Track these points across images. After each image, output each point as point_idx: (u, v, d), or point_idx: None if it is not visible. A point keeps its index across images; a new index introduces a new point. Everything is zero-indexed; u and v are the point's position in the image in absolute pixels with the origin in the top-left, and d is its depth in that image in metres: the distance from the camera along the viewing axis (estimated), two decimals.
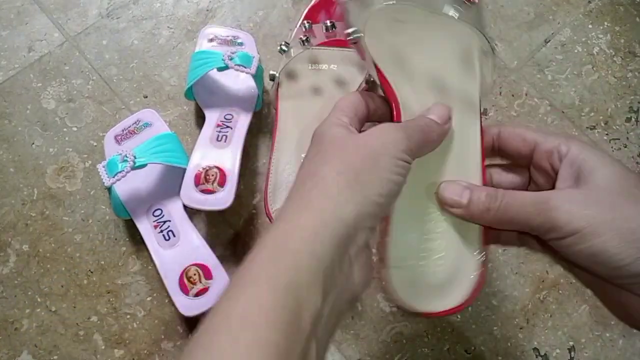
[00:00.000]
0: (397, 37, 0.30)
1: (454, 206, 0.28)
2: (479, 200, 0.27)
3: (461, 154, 0.30)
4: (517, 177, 0.32)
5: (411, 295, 0.28)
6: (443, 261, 0.28)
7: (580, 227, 0.24)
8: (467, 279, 0.28)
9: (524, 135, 0.30)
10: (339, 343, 0.46)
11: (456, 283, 0.28)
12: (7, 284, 0.47)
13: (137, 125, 0.49)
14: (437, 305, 0.28)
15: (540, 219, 0.25)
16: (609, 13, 0.60)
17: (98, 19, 0.56)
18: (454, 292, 0.28)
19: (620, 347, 0.48)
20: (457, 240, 0.29)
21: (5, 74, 0.53)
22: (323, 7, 0.54)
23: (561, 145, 0.28)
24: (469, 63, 0.30)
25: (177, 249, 0.45)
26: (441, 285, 0.28)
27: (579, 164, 0.27)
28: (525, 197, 0.26)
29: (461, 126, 0.30)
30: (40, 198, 0.49)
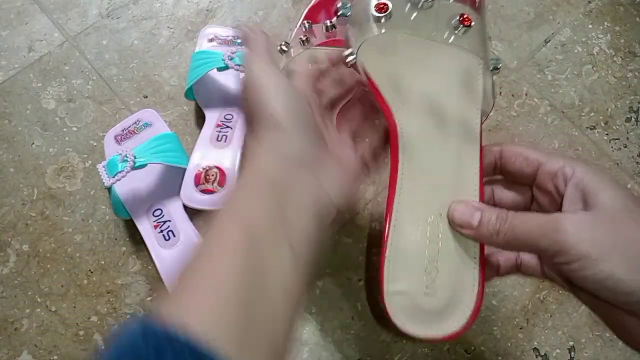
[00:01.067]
0: (393, 61, 0.30)
1: (464, 227, 0.28)
2: (489, 222, 0.27)
3: (459, 176, 0.30)
4: (519, 195, 0.32)
5: (410, 321, 0.28)
6: (440, 288, 0.28)
7: (587, 252, 0.24)
8: (465, 304, 0.28)
9: (527, 155, 0.30)
10: (339, 343, 0.46)
11: (455, 309, 0.28)
12: (7, 284, 0.47)
13: (137, 125, 0.49)
14: (436, 330, 0.28)
15: (548, 242, 0.25)
16: (609, 13, 0.60)
17: (98, 19, 0.56)
18: (453, 317, 0.28)
19: (620, 347, 0.48)
20: (455, 266, 0.29)
21: (5, 73, 0.53)
22: (323, 7, 0.54)
23: (565, 167, 0.28)
24: (469, 83, 0.30)
25: (177, 248, 0.45)
26: (440, 311, 0.28)
27: (584, 186, 0.27)
28: (533, 219, 0.26)
29: (459, 149, 0.30)
30: (40, 198, 0.49)
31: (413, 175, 0.29)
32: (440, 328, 0.28)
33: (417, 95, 0.30)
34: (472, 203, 0.29)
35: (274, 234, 0.23)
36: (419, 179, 0.29)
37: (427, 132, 0.30)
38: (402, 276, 0.28)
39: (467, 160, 0.30)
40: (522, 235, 0.26)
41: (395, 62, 0.30)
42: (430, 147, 0.30)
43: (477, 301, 0.28)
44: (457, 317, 0.28)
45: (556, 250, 0.25)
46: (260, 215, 0.23)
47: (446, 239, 0.29)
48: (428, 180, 0.29)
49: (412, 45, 0.30)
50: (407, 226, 0.29)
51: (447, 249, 0.29)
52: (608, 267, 0.24)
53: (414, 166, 0.29)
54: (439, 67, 0.31)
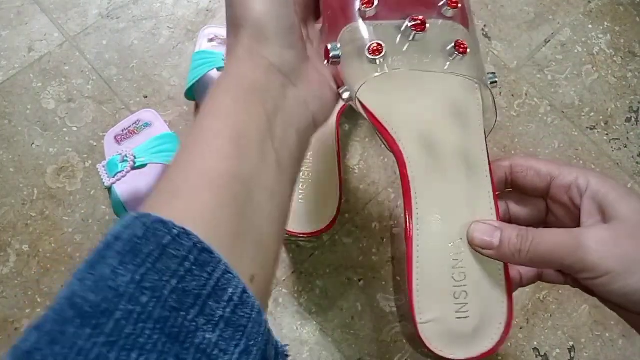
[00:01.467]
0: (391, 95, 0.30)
1: (484, 247, 0.28)
2: (510, 241, 0.27)
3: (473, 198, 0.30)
4: (534, 208, 0.32)
5: (446, 346, 0.29)
6: (471, 310, 0.29)
7: (613, 268, 0.24)
8: (497, 319, 0.29)
9: (538, 169, 0.30)
10: (339, 343, 0.46)
11: (488, 326, 0.29)
12: (7, 284, 0.47)
13: (137, 125, 0.49)
14: (474, 350, 0.29)
15: (572, 260, 0.25)
16: (609, 13, 0.60)
17: (98, 19, 0.56)
18: (486, 336, 0.29)
19: (620, 347, 0.48)
20: (482, 285, 0.29)
21: (5, 74, 0.53)
22: None
23: (579, 179, 0.28)
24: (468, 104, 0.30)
25: None
26: (471, 333, 0.29)
27: (601, 199, 0.27)
28: (555, 236, 0.27)
29: (468, 171, 0.30)
30: (40, 198, 0.49)
31: (427, 203, 0.29)
32: (477, 347, 0.29)
33: (418, 128, 0.30)
34: (491, 223, 0.29)
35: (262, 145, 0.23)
36: (434, 206, 0.29)
37: (433, 162, 0.30)
38: (432, 305, 0.29)
39: (478, 181, 0.30)
40: (546, 254, 0.26)
41: (393, 96, 0.30)
42: (439, 176, 0.30)
43: (508, 316, 0.29)
44: (491, 334, 0.29)
45: (581, 268, 0.25)
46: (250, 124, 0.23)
47: (470, 262, 0.29)
48: (443, 206, 0.29)
49: (409, 77, 0.30)
50: (430, 254, 0.29)
51: (472, 271, 0.29)
52: (634, 281, 0.24)
53: (427, 195, 0.29)
54: (437, 96, 0.31)
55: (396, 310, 0.48)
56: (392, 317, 0.47)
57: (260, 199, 0.22)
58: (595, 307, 0.49)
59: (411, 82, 0.31)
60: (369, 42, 0.28)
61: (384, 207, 0.51)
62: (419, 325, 0.29)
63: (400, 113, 0.30)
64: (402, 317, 0.48)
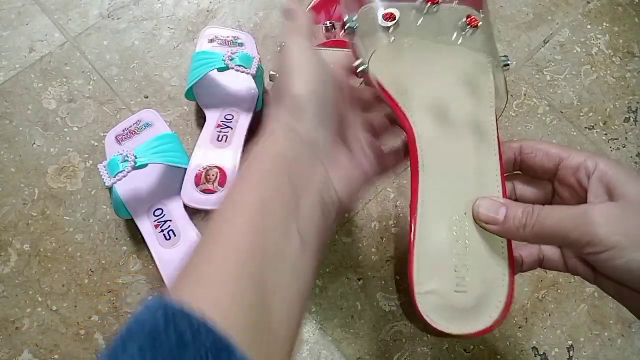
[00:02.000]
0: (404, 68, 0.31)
1: (489, 223, 0.28)
2: (515, 217, 0.28)
3: (480, 175, 0.30)
4: (541, 190, 0.32)
5: (443, 319, 0.28)
6: (471, 285, 0.29)
7: (618, 242, 0.24)
8: (497, 298, 0.29)
9: (547, 150, 0.30)
10: (339, 342, 0.47)
11: (487, 304, 0.29)
12: (8, 284, 0.47)
13: (138, 125, 0.50)
14: (470, 327, 0.28)
15: (578, 234, 0.25)
16: (608, 14, 0.60)
17: (99, 20, 0.56)
18: (484, 314, 0.29)
19: (619, 346, 0.48)
20: (484, 262, 0.29)
21: (6, 74, 0.54)
22: (323, 8, 0.54)
23: (587, 161, 0.28)
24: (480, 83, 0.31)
25: (178, 248, 0.45)
26: (471, 308, 0.29)
27: (609, 180, 0.27)
28: (561, 212, 0.27)
29: (477, 148, 0.30)
30: (41, 198, 0.50)
31: (435, 177, 0.29)
32: (474, 324, 0.28)
33: (431, 100, 0.31)
34: (497, 199, 0.29)
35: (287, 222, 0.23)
36: (441, 180, 0.29)
37: (444, 135, 0.30)
38: (431, 276, 0.29)
39: (487, 158, 0.30)
40: (551, 228, 0.26)
41: (405, 69, 0.31)
42: (448, 149, 0.30)
43: (508, 295, 0.29)
44: (490, 312, 0.28)
45: (587, 242, 0.25)
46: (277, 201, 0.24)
47: (473, 237, 0.29)
48: (450, 181, 0.29)
49: (421, 51, 0.31)
50: (433, 227, 0.29)
51: (475, 246, 0.29)
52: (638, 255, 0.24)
53: (435, 168, 0.30)
54: (450, 69, 0.31)
55: (396, 310, 0.48)
56: (391, 316, 0.48)
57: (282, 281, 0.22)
58: (594, 306, 0.49)
59: (424, 58, 0.31)
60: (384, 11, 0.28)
61: (384, 207, 0.51)
62: (416, 296, 0.28)
63: (412, 88, 0.30)
64: (402, 317, 0.48)
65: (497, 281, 0.29)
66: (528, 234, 0.27)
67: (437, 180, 0.29)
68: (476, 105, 0.31)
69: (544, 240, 0.28)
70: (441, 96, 0.31)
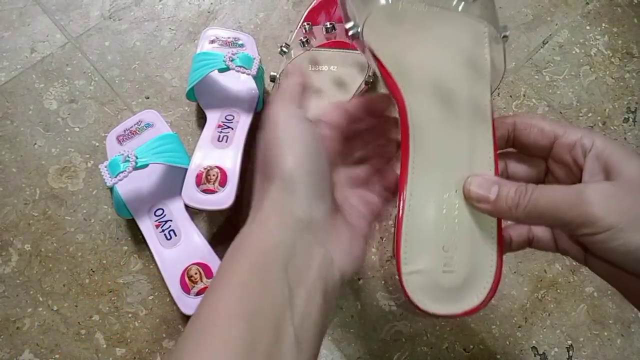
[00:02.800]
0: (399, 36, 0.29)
1: (480, 201, 0.27)
2: (507, 196, 0.26)
3: (473, 152, 0.29)
4: (534, 167, 0.31)
5: (429, 299, 0.28)
6: (458, 265, 0.28)
7: (615, 223, 0.23)
8: (484, 279, 0.28)
9: (542, 127, 0.29)
10: (339, 341, 0.47)
11: (474, 284, 0.28)
12: (9, 283, 0.47)
13: (139, 125, 0.50)
14: (456, 307, 0.28)
15: (573, 214, 0.24)
16: (607, 14, 0.60)
17: (100, 20, 0.56)
18: (471, 294, 0.28)
19: (618, 346, 0.48)
20: (473, 241, 0.28)
21: (7, 74, 0.54)
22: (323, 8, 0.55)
23: (584, 138, 0.27)
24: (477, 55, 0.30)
25: (179, 248, 0.46)
26: (458, 288, 0.28)
27: (605, 158, 0.26)
28: (556, 191, 0.26)
29: (471, 124, 0.29)
30: (42, 198, 0.50)
31: (425, 153, 0.28)
32: (460, 304, 0.28)
33: (425, 72, 0.29)
34: (489, 177, 0.28)
35: (279, 324, 0.21)
36: (432, 157, 0.28)
37: (437, 109, 0.29)
38: (419, 255, 0.28)
39: (480, 135, 0.29)
40: (545, 208, 0.25)
41: (401, 38, 0.29)
42: (441, 124, 0.29)
43: (496, 276, 0.28)
44: (477, 292, 0.28)
45: (582, 222, 0.24)
46: (266, 299, 0.21)
47: (463, 215, 0.28)
48: (441, 157, 0.28)
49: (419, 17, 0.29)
50: (422, 204, 0.28)
51: (464, 225, 0.28)
52: (636, 237, 0.23)
53: (426, 144, 0.29)
54: (448, 40, 0.30)
55: (395, 309, 0.48)
56: (391, 315, 0.48)
57: None
58: (594, 306, 0.49)
59: (422, 25, 0.30)
60: None
61: None
62: (403, 275, 0.27)
63: (407, 59, 0.29)
64: (402, 316, 0.48)
65: (485, 261, 0.28)
66: (520, 213, 0.26)
67: (428, 157, 0.28)
68: (472, 81, 0.29)
69: (536, 221, 0.27)
70: (437, 69, 0.29)
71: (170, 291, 0.44)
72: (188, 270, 0.44)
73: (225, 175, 0.46)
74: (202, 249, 0.45)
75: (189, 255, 0.45)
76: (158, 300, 0.47)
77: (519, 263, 0.50)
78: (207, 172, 0.46)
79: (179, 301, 0.43)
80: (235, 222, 0.50)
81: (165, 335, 0.46)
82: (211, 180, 0.46)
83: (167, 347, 0.46)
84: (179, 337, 0.22)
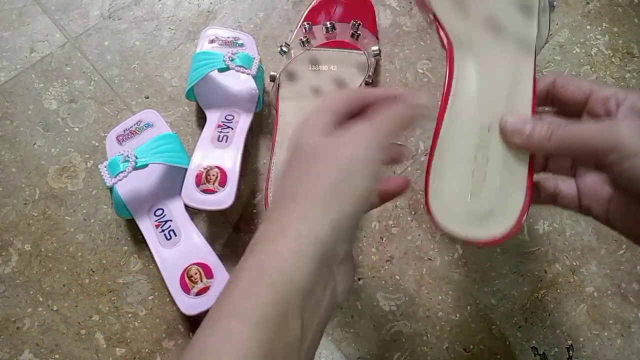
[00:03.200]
0: None
1: (515, 134, 0.28)
2: (541, 129, 0.28)
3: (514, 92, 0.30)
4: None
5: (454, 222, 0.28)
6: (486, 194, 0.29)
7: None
8: (511, 211, 0.29)
9: (579, 84, 0.30)
10: (339, 342, 0.47)
11: (500, 214, 0.28)
12: (9, 283, 0.47)
13: (139, 125, 0.50)
14: (480, 233, 0.28)
15: (602, 139, 0.25)
16: (607, 14, 0.60)
17: (99, 20, 0.56)
18: (498, 223, 0.28)
19: (618, 346, 0.48)
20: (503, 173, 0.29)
21: (7, 74, 0.54)
22: (323, 8, 0.55)
23: (619, 93, 0.28)
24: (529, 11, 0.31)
25: (179, 248, 0.46)
26: (483, 216, 0.28)
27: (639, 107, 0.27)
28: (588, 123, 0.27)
29: (515, 63, 0.30)
30: (42, 198, 0.50)
31: (468, 84, 0.30)
32: (484, 232, 0.28)
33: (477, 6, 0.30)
34: (526, 116, 0.29)
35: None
36: (474, 89, 0.29)
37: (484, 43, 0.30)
38: (448, 176, 0.28)
39: (522, 75, 0.30)
40: (577, 137, 0.26)
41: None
42: (487, 58, 0.30)
43: (522, 210, 0.28)
44: (502, 223, 0.28)
45: (611, 147, 0.25)
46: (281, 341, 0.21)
47: (496, 147, 0.29)
48: (483, 91, 0.29)
49: None
50: (458, 130, 0.29)
51: (497, 157, 0.29)
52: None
53: (470, 76, 0.30)
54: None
55: (396, 309, 0.48)
56: (391, 316, 0.48)
57: None
58: (594, 306, 0.49)
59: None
60: None
61: (384, 206, 0.51)
62: (430, 194, 0.28)
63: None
64: (402, 316, 0.48)
65: (513, 195, 0.29)
66: (553, 143, 0.27)
67: (470, 88, 0.29)
68: (522, 21, 0.30)
69: (567, 150, 0.28)
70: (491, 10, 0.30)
71: (170, 291, 0.44)
72: (188, 270, 0.44)
73: (225, 175, 0.46)
74: (202, 249, 0.45)
75: (189, 255, 0.45)
76: (158, 300, 0.47)
77: (519, 263, 0.50)
78: (207, 172, 0.46)
79: (179, 301, 0.43)
80: (235, 222, 0.50)
81: (165, 335, 0.46)
82: (211, 180, 0.46)
83: (167, 347, 0.46)
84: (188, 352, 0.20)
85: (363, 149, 0.24)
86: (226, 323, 0.21)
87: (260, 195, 0.51)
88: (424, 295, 0.49)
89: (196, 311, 0.43)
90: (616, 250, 0.51)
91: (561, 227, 0.51)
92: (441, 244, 0.50)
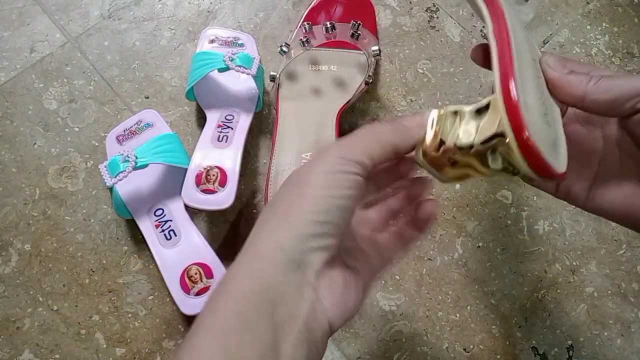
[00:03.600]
0: None
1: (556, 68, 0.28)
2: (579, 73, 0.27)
3: None
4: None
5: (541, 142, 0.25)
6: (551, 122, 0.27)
7: None
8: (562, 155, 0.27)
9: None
10: (339, 341, 0.47)
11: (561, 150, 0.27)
12: (9, 283, 0.47)
13: (139, 125, 0.50)
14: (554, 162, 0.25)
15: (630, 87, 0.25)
16: (607, 14, 0.60)
17: (99, 20, 0.56)
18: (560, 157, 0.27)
19: (618, 346, 0.48)
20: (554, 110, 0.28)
21: (7, 74, 0.54)
22: (323, 8, 0.55)
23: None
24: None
25: (179, 248, 0.46)
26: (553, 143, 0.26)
27: None
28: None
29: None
30: (42, 198, 0.50)
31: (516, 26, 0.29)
32: (556, 162, 0.25)
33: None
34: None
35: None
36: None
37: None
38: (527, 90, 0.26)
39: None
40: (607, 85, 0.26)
41: None
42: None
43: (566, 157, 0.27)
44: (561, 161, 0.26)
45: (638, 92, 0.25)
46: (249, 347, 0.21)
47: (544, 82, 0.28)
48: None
49: None
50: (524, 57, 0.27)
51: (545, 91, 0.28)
52: None
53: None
54: None
55: (396, 309, 0.48)
56: (391, 316, 0.48)
57: None
58: (594, 306, 0.49)
59: None
60: None
61: None
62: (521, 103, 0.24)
63: None
64: (402, 316, 0.48)
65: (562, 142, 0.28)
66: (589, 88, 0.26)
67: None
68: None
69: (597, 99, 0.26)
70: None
71: (170, 291, 0.44)
72: (188, 270, 0.44)
73: (225, 175, 0.46)
74: (202, 249, 0.45)
75: (189, 255, 0.45)
76: (158, 300, 0.47)
77: (519, 263, 0.50)
78: (207, 172, 0.46)
79: (179, 301, 0.43)
80: (235, 222, 0.50)
81: (165, 335, 0.46)
82: (211, 180, 0.46)
83: (166, 347, 0.46)
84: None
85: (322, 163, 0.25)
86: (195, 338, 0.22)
87: (260, 195, 0.51)
88: (424, 295, 0.49)
89: (196, 311, 0.43)
90: (616, 250, 0.51)
91: (561, 227, 0.51)
92: (441, 244, 0.50)
